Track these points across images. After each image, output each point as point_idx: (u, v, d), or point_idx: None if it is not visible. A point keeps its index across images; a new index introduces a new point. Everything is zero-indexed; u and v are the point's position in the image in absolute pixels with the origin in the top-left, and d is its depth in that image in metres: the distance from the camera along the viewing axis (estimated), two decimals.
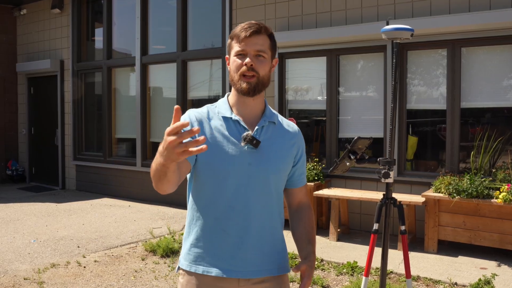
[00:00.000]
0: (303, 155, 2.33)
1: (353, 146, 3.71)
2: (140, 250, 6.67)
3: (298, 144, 2.30)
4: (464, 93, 6.80)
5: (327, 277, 5.59)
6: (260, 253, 2.17)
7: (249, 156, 2.14)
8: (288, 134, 2.28)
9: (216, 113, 2.21)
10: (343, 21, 7.60)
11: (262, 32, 2.15)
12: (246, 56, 2.13)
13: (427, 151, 7.47)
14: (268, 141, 2.19)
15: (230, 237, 2.14)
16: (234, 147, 2.14)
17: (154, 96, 10.34)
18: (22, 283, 5.41)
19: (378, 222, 3.88)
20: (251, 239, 2.15)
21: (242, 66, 2.12)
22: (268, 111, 2.27)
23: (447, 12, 6.75)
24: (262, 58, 2.15)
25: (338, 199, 7.07)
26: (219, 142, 2.14)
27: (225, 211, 2.14)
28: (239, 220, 2.14)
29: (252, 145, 2.13)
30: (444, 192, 6.24)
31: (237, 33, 2.15)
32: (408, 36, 3.80)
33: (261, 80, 2.15)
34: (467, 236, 6.21)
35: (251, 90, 2.14)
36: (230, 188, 2.13)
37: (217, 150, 2.13)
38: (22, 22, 12.64)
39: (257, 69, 2.12)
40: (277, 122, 2.27)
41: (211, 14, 9.30)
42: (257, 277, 2.19)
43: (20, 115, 12.90)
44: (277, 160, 2.19)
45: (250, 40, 2.12)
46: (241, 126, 2.17)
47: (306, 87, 8.36)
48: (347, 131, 7.81)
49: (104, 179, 10.87)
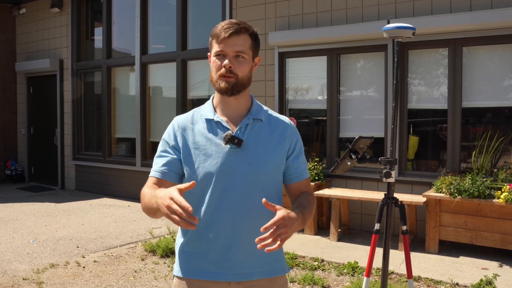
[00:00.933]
0: (296, 149, 2.25)
1: (354, 146, 3.69)
2: (139, 250, 6.64)
3: (290, 138, 2.23)
4: (466, 93, 6.77)
5: (327, 278, 5.56)
6: (251, 255, 2.12)
7: (232, 156, 2.12)
8: (277, 129, 2.22)
9: (200, 116, 2.22)
10: (344, 20, 7.57)
11: (242, 32, 2.11)
12: (225, 57, 2.10)
13: (428, 151, 7.44)
14: (253, 139, 2.16)
15: (219, 239, 2.12)
16: (216, 148, 2.13)
17: (154, 95, 10.31)
18: (21, 283, 5.39)
19: (380, 222, 3.85)
20: (241, 241, 2.11)
21: (221, 67, 2.10)
22: (255, 109, 2.24)
23: (448, 11, 6.72)
24: (242, 59, 2.12)
25: (339, 199, 7.04)
26: (202, 145, 2.15)
27: (212, 213, 2.12)
28: (226, 222, 2.11)
29: (234, 145, 2.11)
30: (445, 192, 6.21)
31: (217, 32, 2.12)
32: (409, 35, 3.78)
33: (241, 81, 2.13)
34: (468, 237, 6.18)
35: (229, 90, 2.12)
36: (216, 190, 2.11)
37: (200, 154, 2.14)
38: (22, 21, 12.60)
39: (236, 71, 2.11)
40: (264, 118, 2.22)
41: (211, 13, 9.27)
42: (249, 280, 2.15)
43: (19, 114, 12.87)
44: (262, 158, 2.14)
45: (229, 41, 2.09)
46: (223, 127, 2.16)
47: (306, 86, 8.33)
48: (348, 131, 7.78)
49: (103, 179, 10.84)
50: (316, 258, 6.15)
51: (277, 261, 2.23)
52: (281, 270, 2.24)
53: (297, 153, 2.25)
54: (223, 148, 2.12)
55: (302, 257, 6.25)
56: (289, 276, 5.49)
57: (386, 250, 3.82)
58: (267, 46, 8.25)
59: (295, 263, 5.98)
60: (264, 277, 2.17)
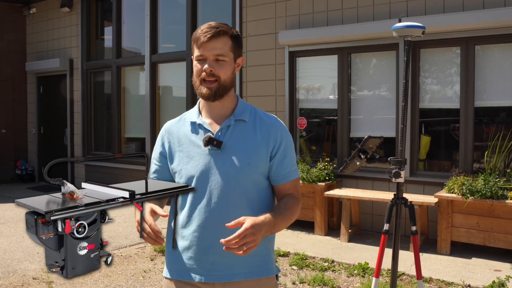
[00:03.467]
0: (281, 149, 2.19)
1: (364, 145, 3.67)
2: (149, 250, 6.62)
3: (274, 138, 2.18)
4: (478, 92, 6.69)
5: (337, 279, 5.51)
6: (231, 256, 2.03)
7: (212, 158, 2.14)
8: (261, 129, 2.19)
9: (185, 119, 2.28)
10: (355, 18, 7.51)
11: (220, 35, 2.12)
12: (205, 61, 2.13)
13: (440, 151, 7.35)
14: (235, 140, 2.16)
15: (199, 240, 2.13)
16: (198, 150, 2.16)
17: (164, 95, 10.29)
18: (31, 283, 5.41)
19: (389, 222, 3.83)
20: (219, 243, 2.04)
21: (202, 71, 2.13)
22: (239, 110, 2.23)
23: (461, 9, 6.64)
24: (222, 62, 2.13)
25: (349, 199, 6.98)
26: (185, 148, 2.20)
27: (192, 214, 2.15)
28: (206, 224, 2.12)
29: (214, 146, 2.12)
30: (457, 193, 6.13)
31: (196, 37, 2.15)
32: (419, 34, 3.75)
33: (223, 84, 2.13)
34: (481, 238, 6.11)
35: (212, 96, 2.14)
36: (196, 191, 2.14)
37: (183, 157, 2.18)
38: (32, 21, 12.64)
39: (218, 73, 2.12)
40: (248, 119, 2.20)
41: (221, 13, 9.24)
42: (230, 281, 2.14)
43: (29, 114, 12.90)
44: (242, 159, 2.13)
45: (208, 45, 2.11)
46: (205, 129, 2.18)
47: (317, 86, 8.27)
48: (359, 131, 7.71)
49: (113, 179, 10.83)
50: (326, 259, 6.10)
51: (262, 261, 2.19)
52: (267, 271, 2.21)
53: (282, 154, 2.20)
54: (204, 150, 2.15)
55: (312, 257, 6.20)
56: (298, 276, 5.45)
57: (395, 251, 3.79)
58: (278, 45, 8.20)
59: (305, 264, 5.93)
60: (247, 278, 2.15)
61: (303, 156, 8.21)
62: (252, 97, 8.51)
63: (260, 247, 2.09)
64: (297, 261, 5.97)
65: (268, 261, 2.22)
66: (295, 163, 2.26)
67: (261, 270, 2.19)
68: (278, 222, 2.07)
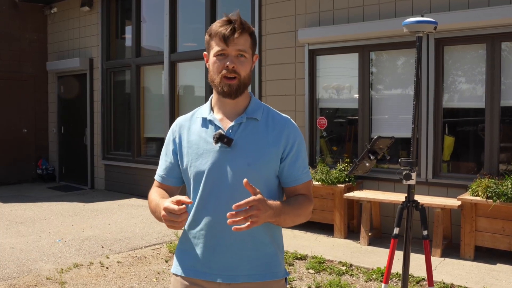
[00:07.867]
0: (293, 151, 2.13)
1: (373, 146, 3.57)
2: (164, 251, 6.52)
3: (286, 139, 2.13)
4: (504, 91, 6.44)
5: (355, 283, 5.33)
6: (238, 257, 2.06)
7: (222, 155, 2.08)
8: (273, 129, 2.13)
9: (197, 115, 2.22)
10: (376, 15, 7.31)
11: (244, 31, 2.07)
12: (227, 56, 2.06)
13: (465, 152, 7.11)
14: (246, 138, 2.10)
15: (206, 239, 2.09)
16: (208, 147, 2.11)
17: (183, 94, 10.20)
18: (45, 283, 5.38)
19: (399, 226, 3.74)
20: (227, 242, 2.06)
21: (224, 68, 2.06)
22: (251, 108, 2.17)
23: (486, 5, 6.40)
24: (243, 59, 2.08)
25: (370, 201, 6.79)
26: (195, 144, 2.14)
27: (201, 212, 2.10)
28: (213, 222, 2.07)
29: (224, 144, 2.07)
30: (482, 196, 5.89)
31: (217, 31, 2.07)
32: (431, 29, 3.66)
33: (243, 81, 2.09)
34: (506, 243, 5.86)
35: (233, 93, 2.08)
36: (205, 189, 2.09)
37: (194, 153, 2.13)
38: (53, 21, 12.68)
39: (239, 70, 2.06)
40: (261, 118, 2.15)
41: (241, 10, 8.98)
42: (236, 282, 2.07)
43: (50, 114, 12.95)
44: (253, 158, 2.07)
45: (231, 40, 2.04)
46: (216, 126, 2.13)
47: (337, 84, 8.08)
48: (380, 131, 7.48)
49: (132, 179, 10.79)
50: (344, 262, 5.92)
51: (269, 265, 2.13)
52: (273, 274, 2.13)
53: (295, 156, 2.15)
54: (214, 147, 2.09)
55: (330, 261, 6.02)
56: (315, 280, 5.29)
57: (406, 255, 3.69)
58: (297, 43, 8.04)
59: (322, 268, 5.76)
60: (252, 281, 2.09)
61: (323, 156, 8.03)
62: (272, 96, 8.37)
63: (265, 246, 2.10)
64: (314, 265, 5.80)
65: (276, 263, 2.15)
66: (307, 165, 2.20)
67: (267, 273, 2.12)
68: (286, 211, 2.01)
